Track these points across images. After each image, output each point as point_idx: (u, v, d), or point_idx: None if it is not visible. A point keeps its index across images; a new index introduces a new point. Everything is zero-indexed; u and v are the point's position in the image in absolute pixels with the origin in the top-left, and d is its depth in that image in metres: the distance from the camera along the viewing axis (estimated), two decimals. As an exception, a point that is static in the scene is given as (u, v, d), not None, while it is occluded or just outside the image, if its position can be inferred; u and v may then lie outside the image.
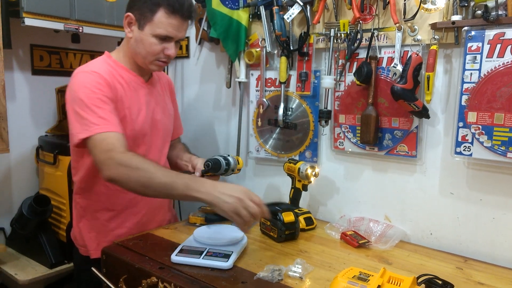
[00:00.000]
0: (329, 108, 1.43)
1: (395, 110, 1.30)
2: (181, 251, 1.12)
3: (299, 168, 1.39)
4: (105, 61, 1.29)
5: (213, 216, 1.41)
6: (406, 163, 1.33)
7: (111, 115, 1.16)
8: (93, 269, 1.15)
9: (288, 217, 1.28)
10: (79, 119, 1.14)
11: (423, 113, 1.22)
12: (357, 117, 1.39)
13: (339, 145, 1.46)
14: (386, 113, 1.33)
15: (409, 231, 1.34)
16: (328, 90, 1.42)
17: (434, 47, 1.18)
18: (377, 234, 1.32)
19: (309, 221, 1.40)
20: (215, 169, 1.32)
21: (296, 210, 1.44)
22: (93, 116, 1.13)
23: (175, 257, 1.09)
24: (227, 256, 1.09)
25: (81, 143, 1.14)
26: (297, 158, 1.58)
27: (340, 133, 1.45)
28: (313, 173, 1.37)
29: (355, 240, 1.27)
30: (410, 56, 1.21)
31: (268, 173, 1.71)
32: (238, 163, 1.40)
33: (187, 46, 1.93)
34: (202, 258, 1.08)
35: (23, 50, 1.84)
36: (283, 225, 1.26)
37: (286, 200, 1.66)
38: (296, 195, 1.45)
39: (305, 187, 1.42)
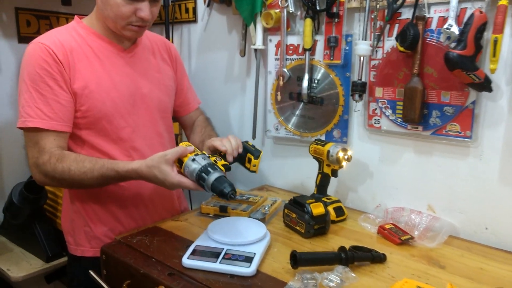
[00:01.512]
0: (363, 79, 1.23)
1: (446, 82, 1.10)
2: (193, 252, 0.95)
3: (328, 151, 1.20)
4: (70, 28, 1.12)
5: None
6: (457, 145, 1.14)
7: (53, 106, 1.04)
8: (92, 272, 0.99)
9: (317, 209, 1.11)
10: (21, 101, 1.04)
11: (485, 85, 1.01)
12: (397, 91, 1.19)
13: (375, 123, 1.27)
14: (434, 86, 1.12)
15: (459, 224, 1.17)
16: (363, 58, 1.21)
17: (503, 1, 0.96)
18: (421, 228, 1.14)
19: (339, 211, 1.23)
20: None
21: (324, 199, 1.27)
22: (31, 105, 1.02)
23: (187, 261, 0.92)
24: (249, 260, 0.92)
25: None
26: (323, 138, 1.39)
27: (376, 109, 1.25)
28: (345, 156, 1.19)
29: (396, 236, 1.10)
30: (472, 14, 0.99)
31: (288, 154, 1.53)
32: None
33: (194, 9, 1.71)
34: (220, 262, 0.91)
35: (7, 15, 1.64)
36: (312, 218, 1.09)
37: (309, 185, 1.49)
38: (324, 181, 1.28)
39: (334, 173, 1.24)
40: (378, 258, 0.98)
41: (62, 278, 1.61)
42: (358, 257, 0.95)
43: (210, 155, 1.04)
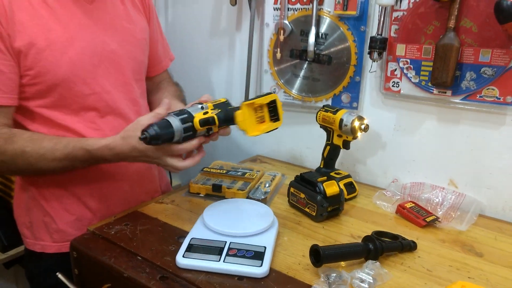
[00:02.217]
0: (383, 35, 1.04)
1: (488, 38, 0.93)
2: (190, 248, 0.78)
3: (341, 120, 1.03)
4: None
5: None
6: (492, 113, 0.99)
7: None
8: (60, 276, 0.80)
9: (331, 188, 0.95)
10: None
11: (538, 41, 0.86)
12: (424, 48, 1.01)
13: (393, 86, 1.10)
14: (472, 43, 0.95)
15: (486, 201, 1.04)
16: (385, 8, 1.02)
17: None
18: (444, 206, 1.01)
19: (350, 188, 1.08)
20: (158, 138, 0.78)
21: (333, 174, 1.11)
22: None
23: (182, 260, 0.75)
24: (259, 256, 0.76)
25: None
26: (329, 103, 1.21)
27: (395, 70, 1.08)
28: (362, 126, 1.02)
29: (420, 217, 0.96)
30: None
31: (286, 121, 1.32)
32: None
33: None
34: (224, 261, 0.74)
35: None
36: (325, 199, 0.93)
37: (309, 157, 1.32)
38: (332, 154, 1.11)
39: (346, 145, 1.07)
40: (408, 247, 0.84)
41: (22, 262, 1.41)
42: (387, 247, 0.80)
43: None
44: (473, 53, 0.95)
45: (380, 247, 0.78)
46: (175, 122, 0.79)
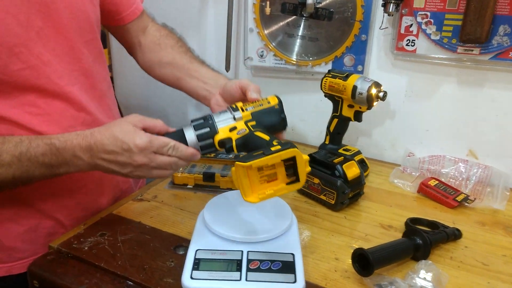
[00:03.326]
0: (399, -18, 0.88)
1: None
2: (197, 264, 0.60)
3: (355, 87, 0.88)
4: None
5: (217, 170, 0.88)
6: (524, 73, 0.89)
7: None
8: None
9: (351, 170, 0.81)
10: None
11: None
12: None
13: (407, 45, 0.95)
14: (508, -10, 0.82)
15: (510, 172, 0.95)
16: None
17: None
18: (471, 182, 0.91)
19: (362, 166, 0.95)
20: None
21: (342, 151, 0.97)
22: None
23: (191, 283, 0.57)
24: (289, 267, 0.60)
25: None
26: (329, 66, 1.05)
27: (411, 25, 0.93)
28: (380, 94, 0.88)
29: (449, 197, 0.85)
30: None
31: (275, 90, 1.17)
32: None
33: None
34: (247, 279, 0.58)
35: None
36: (346, 183, 0.79)
37: (303, 131, 1.17)
38: (340, 128, 0.96)
39: (358, 116, 0.93)
40: (453, 236, 0.72)
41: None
42: (434, 239, 0.68)
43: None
44: (509, 2, 0.82)
45: (429, 240, 0.65)
46: (191, 135, 0.65)
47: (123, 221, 0.75)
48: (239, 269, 0.59)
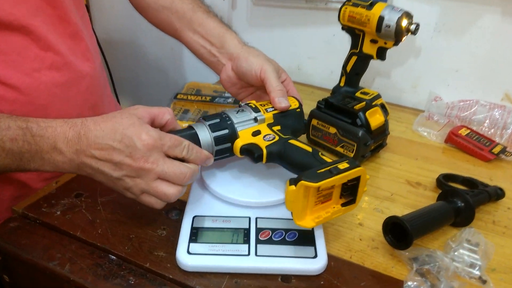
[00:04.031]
0: None
1: None
2: (195, 235, 0.49)
3: (381, 18, 0.72)
4: None
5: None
6: None
7: None
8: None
9: (375, 118, 0.69)
10: None
11: None
12: None
13: (444, -35, 0.79)
14: None
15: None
16: None
17: None
18: (507, 131, 0.80)
19: (383, 111, 0.83)
20: None
21: (360, 94, 0.84)
22: None
23: (188, 258, 0.47)
24: (307, 239, 0.50)
25: None
26: (345, -7, 0.89)
27: None
28: (411, 26, 0.73)
29: (485, 148, 0.74)
30: None
31: (278, 22, 1.01)
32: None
33: None
34: (256, 253, 0.48)
35: None
36: (369, 134, 0.67)
37: (310, 70, 1.03)
38: (360, 67, 0.82)
39: (382, 53, 0.78)
40: (495, 196, 0.62)
41: None
42: (477, 202, 0.58)
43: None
44: None
45: (472, 203, 0.55)
46: (206, 137, 0.52)
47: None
48: (246, 240, 0.49)
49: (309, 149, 0.51)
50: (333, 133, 0.70)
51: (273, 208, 0.53)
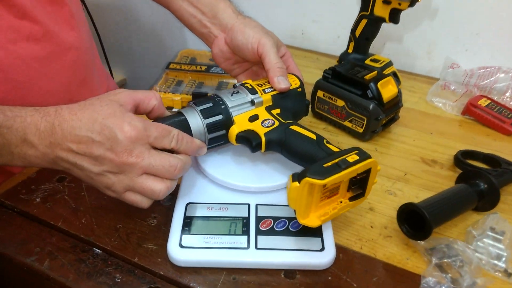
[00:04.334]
0: None
1: None
2: (188, 225, 0.45)
3: (397, -27, 0.65)
4: None
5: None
6: None
7: None
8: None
9: (388, 89, 0.63)
10: None
11: None
12: None
13: None
14: None
15: None
16: None
17: None
18: (531, 101, 0.74)
19: (396, 81, 0.76)
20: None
21: (370, 62, 0.77)
22: None
23: (180, 252, 0.42)
24: (313, 229, 0.44)
25: None
26: None
27: None
28: (430, -18, 0.65)
29: (507, 121, 0.69)
30: None
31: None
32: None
33: None
34: (256, 246, 0.43)
35: None
36: (381, 107, 0.61)
37: (315, 35, 0.95)
38: (370, 31, 0.75)
39: (395, 16, 0.71)
40: (518, 176, 0.57)
41: None
42: (501, 182, 0.53)
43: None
44: None
45: (496, 185, 0.50)
46: (198, 124, 0.46)
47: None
48: (245, 231, 0.44)
49: (313, 136, 0.45)
50: (340, 106, 0.64)
51: (275, 194, 0.48)
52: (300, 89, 0.54)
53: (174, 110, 0.69)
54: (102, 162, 0.39)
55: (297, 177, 0.38)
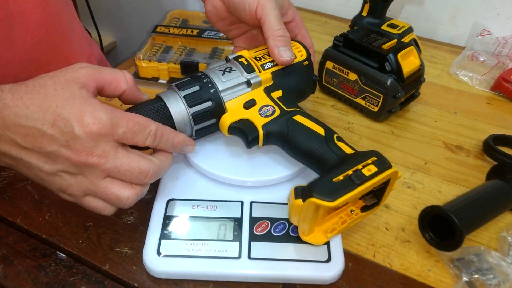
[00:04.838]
0: None
1: None
2: (167, 227, 0.38)
3: None
4: None
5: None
6: None
7: None
8: None
9: (409, 60, 0.54)
10: None
11: None
12: None
13: None
14: None
15: None
16: None
17: None
18: None
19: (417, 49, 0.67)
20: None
21: (386, 28, 0.67)
22: None
23: (159, 262, 0.36)
24: (318, 233, 0.38)
25: None
26: None
27: None
28: None
29: (543, 100, 0.60)
30: None
31: None
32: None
33: None
34: (249, 256, 0.36)
35: None
36: (400, 82, 0.53)
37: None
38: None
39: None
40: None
41: None
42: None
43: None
44: None
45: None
46: (181, 113, 0.38)
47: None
48: (237, 236, 0.37)
49: (321, 131, 0.37)
50: (353, 80, 0.56)
51: (273, 189, 0.41)
52: (306, 62, 0.45)
53: (159, 83, 0.60)
54: (55, 160, 0.31)
55: (300, 194, 0.31)
